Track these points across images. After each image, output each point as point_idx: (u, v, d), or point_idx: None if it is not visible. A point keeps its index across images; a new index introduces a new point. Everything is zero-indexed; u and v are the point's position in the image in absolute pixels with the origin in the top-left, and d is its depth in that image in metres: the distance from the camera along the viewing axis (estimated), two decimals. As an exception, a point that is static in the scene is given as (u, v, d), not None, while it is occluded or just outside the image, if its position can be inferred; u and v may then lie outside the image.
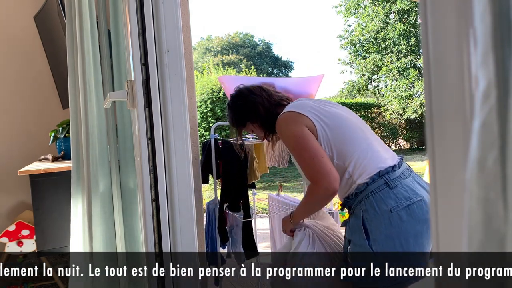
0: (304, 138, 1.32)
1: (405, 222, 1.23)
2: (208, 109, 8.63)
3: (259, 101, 1.54)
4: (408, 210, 1.24)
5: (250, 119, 1.57)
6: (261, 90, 1.58)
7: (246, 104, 1.56)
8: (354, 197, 1.30)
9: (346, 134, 1.34)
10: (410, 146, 14.04)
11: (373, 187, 1.27)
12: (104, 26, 1.67)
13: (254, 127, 1.59)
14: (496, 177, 0.29)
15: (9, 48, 2.62)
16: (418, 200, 1.25)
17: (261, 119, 1.55)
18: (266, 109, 1.53)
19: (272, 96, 1.56)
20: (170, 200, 1.22)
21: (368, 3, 14.89)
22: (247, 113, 1.56)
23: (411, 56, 13.83)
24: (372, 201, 1.26)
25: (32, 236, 2.26)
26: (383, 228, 1.23)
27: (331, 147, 1.33)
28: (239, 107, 1.59)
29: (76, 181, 1.66)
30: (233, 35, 25.22)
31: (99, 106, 1.56)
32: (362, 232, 1.26)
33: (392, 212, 1.23)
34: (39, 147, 2.59)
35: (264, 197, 3.96)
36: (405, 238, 1.23)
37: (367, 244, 1.24)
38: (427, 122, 0.42)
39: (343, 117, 1.40)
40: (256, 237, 2.30)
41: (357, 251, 1.28)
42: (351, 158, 1.31)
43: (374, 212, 1.25)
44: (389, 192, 1.25)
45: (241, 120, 1.60)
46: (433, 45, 0.41)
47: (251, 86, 1.61)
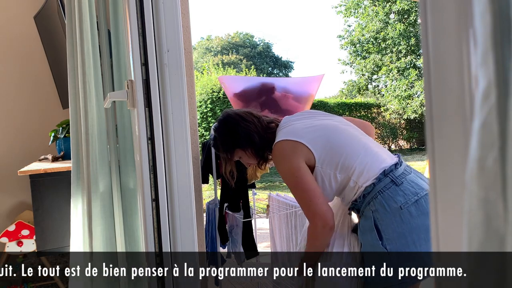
0: (301, 177, 1.31)
1: (415, 217, 1.23)
2: (208, 109, 8.62)
3: (253, 128, 1.47)
4: (417, 205, 1.24)
5: (242, 146, 1.49)
6: (251, 115, 1.51)
7: (239, 130, 1.48)
8: (362, 199, 1.30)
9: (343, 146, 1.34)
10: (410, 146, 14.04)
11: (380, 186, 1.27)
12: (104, 26, 1.67)
13: (245, 154, 1.52)
14: (496, 177, 0.29)
15: (9, 48, 2.62)
16: (425, 194, 1.26)
17: (255, 147, 1.48)
18: (260, 136, 1.47)
19: (262, 122, 1.50)
20: (170, 200, 1.22)
21: (368, 3, 14.89)
22: (238, 140, 1.48)
23: (411, 56, 13.82)
24: (381, 200, 1.26)
25: (32, 236, 2.25)
26: (395, 225, 1.24)
27: (331, 164, 1.33)
28: (230, 133, 1.50)
29: (76, 181, 1.66)
30: (233, 35, 25.22)
31: (99, 106, 1.56)
32: (374, 233, 1.25)
33: (402, 209, 1.24)
34: (39, 147, 2.60)
35: (264, 197, 3.96)
36: (417, 234, 1.23)
37: (381, 245, 1.24)
38: (427, 122, 0.42)
39: (336, 128, 1.39)
40: (256, 237, 2.30)
41: (370, 251, 1.28)
42: (353, 168, 1.31)
43: (384, 211, 1.25)
44: (396, 190, 1.26)
45: (230, 147, 1.51)
46: (433, 45, 0.41)
47: (240, 111, 1.53)
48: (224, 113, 1.55)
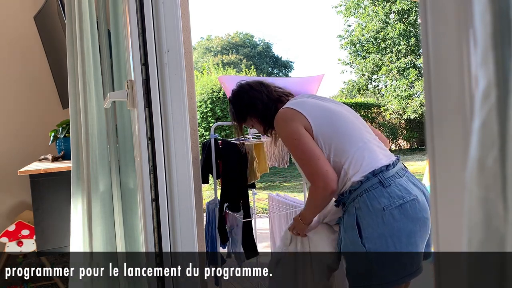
0: (300, 139, 1.34)
1: (397, 221, 1.24)
2: (208, 109, 8.62)
3: (258, 96, 1.56)
4: (401, 209, 1.25)
5: (249, 114, 1.60)
6: (261, 85, 1.60)
7: (245, 99, 1.58)
8: (348, 194, 1.31)
9: (344, 132, 1.36)
10: (410, 146, 14.04)
11: (367, 185, 1.28)
12: (104, 26, 1.67)
13: (253, 122, 1.62)
14: (496, 177, 0.29)
15: (9, 48, 2.62)
16: (411, 200, 1.26)
17: (260, 115, 1.57)
18: (264, 104, 1.55)
19: (272, 92, 1.59)
20: (170, 200, 1.22)
21: (368, 3, 14.89)
22: (246, 108, 1.59)
23: (411, 56, 13.83)
24: (366, 199, 1.27)
25: (32, 236, 2.25)
26: (375, 226, 1.24)
27: (329, 144, 1.34)
28: (239, 102, 1.61)
29: (76, 181, 1.66)
30: (233, 35, 25.22)
31: (99, 106, 1.56)
32: (355, 230, 1.27)
33: (385, 211, 1.24)
34: (39, 147, 2.59)
35: (264, 197, 3.96)
36: (397, 236, 1.24)
37: (360, 242, 1.25)
38: (427, 122, 0.42)
39: (342, 114, 1.41)
40: (256, 237, 2.30)
41: (349, 248, 1.29)
42: (347, 156, 1.32)
43: (367, 210, 1.26)
44: (382, 191, 1.26)
45: (242, 115, 1.63)
46: (433, 45, 0.41)
47: (252, 82, 1.63)
48: (237, 83, 1.66)
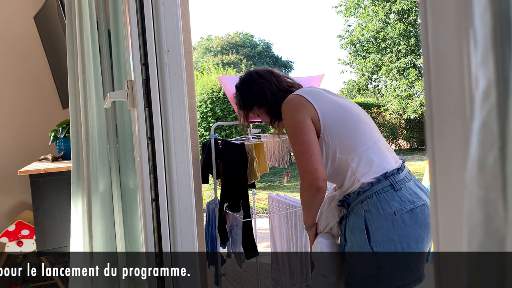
0: (302, 129, 1.30)
1: (407, 226, 1.21)
2: (208, 109, 8.62)
3: (267, 86, 1.51)
4: (411, 213, 1.22)
5: (257, 103, 1.54)
6: (271, 74, 1.55)
7: (254, 87, 1.53)
8: (356, 195, 1.27)
9: (354, 129, 1.32)
10: (410, 146, 14.04)
11: (378, 187, 1.24)
12: (104, 26, 1.67)
13: (260, 112, 1.57)
14: (496, 177, 0.29)
15: (9, 48, 2.62)
16: (422, 205, 1.24)
17: (268, 105, 1.52)
18: (273, 94, 1.50)
19: (282, 82, 1.53)
20: (170, 200, 1.22)
21: (368, 3, 14.89)
22: (254, 97, 1.53)
23: (411, 56, 13.82)
24: (376, 202, 1.23)
25: (32, 236, 2.25)
26: (385, 230, 1.21)
27: (336, 139, 1.30)
28: (246, 90, 1.55)
29: (76, 181, 1.66)
30: (233, 35, 25.21)
31: (99, 106, 1.56)
32: (364, 233, 1.23)
33: (396, 215, 1.21)
34: (39, 147, 2.60)
35: (264, 197, 3.96)
36: (407, 242, 1.21)
37: (368, 245, 1.22)
38: (427, 122, 0.42)
39: (353, 111, 1.38)
40: (256, 237, 2.30)
41: (355, 251, 1.26)
42: (355, 154, 1.29)
43: (377, 213, 1.22)
44: (393, 194, 1.23)
45: (248, 104, 1.57)
46: (433, 45, 0.41)
47: (261, 70, 1.57)
48: (246, 71, 1.61)
